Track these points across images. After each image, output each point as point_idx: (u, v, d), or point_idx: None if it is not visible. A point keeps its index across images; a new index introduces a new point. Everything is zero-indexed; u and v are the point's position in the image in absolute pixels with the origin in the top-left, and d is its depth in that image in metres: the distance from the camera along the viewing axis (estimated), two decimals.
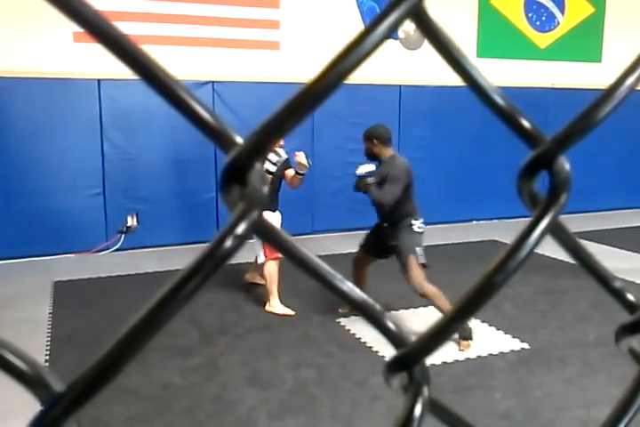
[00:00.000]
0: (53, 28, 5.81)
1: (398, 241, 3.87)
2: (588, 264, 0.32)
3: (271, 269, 4.26)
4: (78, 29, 5.80)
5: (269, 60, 6.72)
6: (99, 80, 6.05)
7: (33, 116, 5.90)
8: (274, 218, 4.55)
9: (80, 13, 0.21)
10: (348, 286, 0.26)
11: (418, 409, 0.26)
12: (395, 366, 0.27)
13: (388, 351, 3.31)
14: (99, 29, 0.21)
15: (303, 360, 3.49)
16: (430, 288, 3.82)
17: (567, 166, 0.28)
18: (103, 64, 6.04)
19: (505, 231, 7.01)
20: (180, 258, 5.94)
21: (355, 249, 6.03)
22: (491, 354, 3.52)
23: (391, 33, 0.23)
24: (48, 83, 5.89)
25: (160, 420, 2.84)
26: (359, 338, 3.81)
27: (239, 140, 0.23)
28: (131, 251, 6.23)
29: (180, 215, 6.51)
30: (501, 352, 3.57)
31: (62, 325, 4.06)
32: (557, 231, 0.30)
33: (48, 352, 3.57)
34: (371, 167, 3.92)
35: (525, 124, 0.28)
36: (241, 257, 5.55)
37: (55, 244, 6.03)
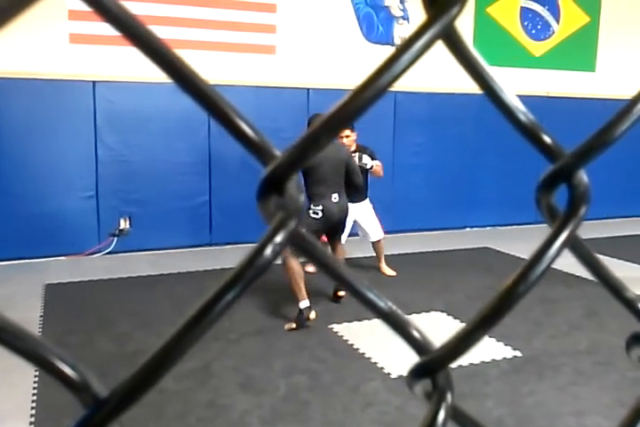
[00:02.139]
0: (49, 28, 5.80)
1: None
2: (601, 274, 0.33)
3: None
4: (74, 30, 5.80)
5: (265, 64, 6.74)
6: (94, 82, 6.04)
7: (27, 117, 5.89)
8: (365, 206, 5.38)
9: (138, 37, 0.21)
10: (375, 295, 0.27)
11: (441, 415, 0.27)
12: (418, 373, 0.28)
13: (380, 358, 3.33)
14: (148, 44, 0.22)
15: (296, 366, 3.48)
16: (289, 263, 4.10)
17: (586, 180, 0.29)
18: (99, 66, 6.04)
19: (498, 239, 7.06)
20: (172, 262, 5.94)
21: (352, 255, 6.06)
22: (483, 362, 3.53)
23: (423, 53, 0.24)
24: (43, 84, 5.88)
25: (153, 425, 2.83)
26: (352, 344, 3.81)
27: (278, 153, 0.24)
28: (123, 254, 6.21)
29: (173, 219, 6.49)
30: (494, 360, 3.58)
31: (53, 328, 4.03)
32: (575, 243, 0.30)
33: None
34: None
35: (546, 139, 0.29)
36: (237, 262, 5.57)
37: (47, 246, 6.00)
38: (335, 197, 4.23)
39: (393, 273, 5.50)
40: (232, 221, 6.60)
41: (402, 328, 0.28)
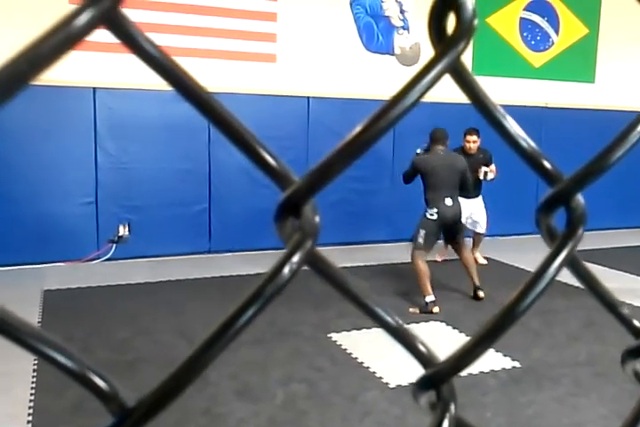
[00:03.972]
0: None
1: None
2: (597, 291, 0.34)
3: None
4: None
5: (266, 72, 6.78)
6: (94, 88, 6.07)
7: (27, 123, 5.90)
8: (479, 202, 6.11)
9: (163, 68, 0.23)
10: (384, 311, 0.28)
11: (445, 426, 0.28)
12: (424, 385, 0.29)
13: (378, 367, 3.33)
14: (178, 81, 0.23)
15: (294, 375, 3.48)
16: (418, 263, 4.75)
17: (583, 203, 0.31)
18: (99, 72, 6.07)
19: (496, 249, 7.07)
20: (171, 269, 5.94)
21: (351, 264, 6.07)
22: (482, 372, 3.53)
23: (432, 86, 0.25)
24: (43, 90, 5.89)
25: None
26: (351, 353, 3.81)
27: (296, 178, 0.25)
28: (122, 261, 6.21)
29: (172, 226, 6.50)
30: (493, 370, 3.58)
31: (51, 334, 4.03)
32: (574, 262, 0.32)
33: (35, 362, 3.54)
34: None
35: (547, 164, 0.31)
36: (235, 270, 5.53)
37: (46, 252, 6.00)
38: (449, 202, 4.78)
39: (484, 262, 6.41)
40: (231, 228, 6.61)
41: (409, 343, 0.29)
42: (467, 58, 7.70)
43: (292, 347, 3.92)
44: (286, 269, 0.23)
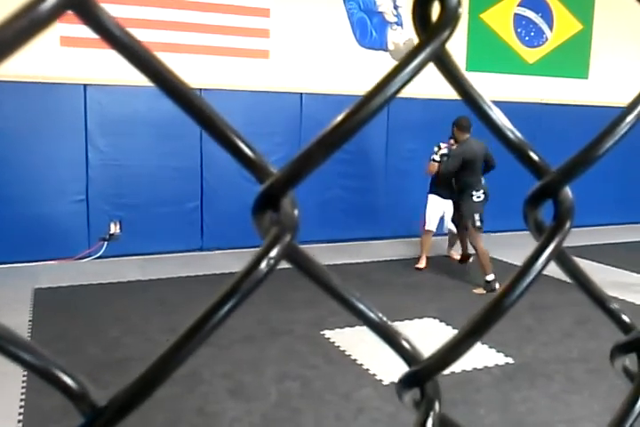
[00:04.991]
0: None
1: (462, 208, 5.34)
2: (586, 286, 0.34)
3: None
4: (65, 33, 5.77)
5: (259, 68, 6.76)
6: (85, 85, 6.03)
7: (17, 120, 5.86)
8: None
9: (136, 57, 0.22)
10: (367, 306, 0.28)
11: (429, 424, 0.27)
12: (408, 382, 0.29)
13: (373, 365, 3.33)
14: (144, 61, 0.23)
15: (287, 373, 3.48)
16: (480, 246, 5.22)
17: (571, 196, 0.30)
18: (90, 69, 6.03)
19: (491, 245, 7.07)
20: (163, 267, 5.92)
21: (345, 261, 6.07)
22: (475, 368, 3.54)
23: (415, 75, 0.24)
24: (33, 87, 5.86)
25: None
26: (344, 351, 3.81)
27: (274, 170, 0.24)
28: (113, 259, 6.18)
29: (164, 223, 6.47)
30: (486, 367, 3.59)
31: (42, 333, 4.01)
32: (561, 256, 0.31)
33: None
34: (443, 151, 5.64)
35: (534, 156, 0.30)
36: (228, 267, 5.52)
37: (36, 250, 5.96)
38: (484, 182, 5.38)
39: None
40: (223, 226, 6.59)
41: (392, 339, 0.29)
42: (461, 54, 7.75)
43: (286, 345, 3.91)
44: (263, 265, 0.22)
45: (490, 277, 5.15)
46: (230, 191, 6.49)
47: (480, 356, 3.73)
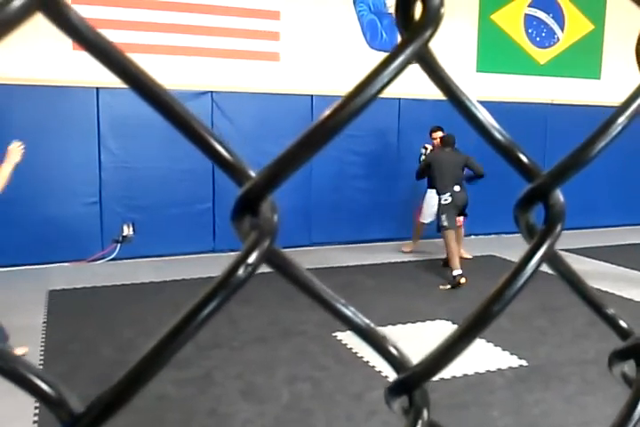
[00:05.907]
0: (52, 34, 5.83)
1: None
2: (581, 291, 0.33)
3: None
4: None
5: (269, 70, 6.77)
6: (97, 88, 6.07)
7: (30, 123, 5.91)
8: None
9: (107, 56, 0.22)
10: (352, 311, 0.27)
11: None
12: (396, 390, 0.28)
13: (384, 366, 3.29)
14: (121, 68, 0.22)
15: (299, 374, 3.47)
16: (449, 243, 5.50)
17: (562, 199, 0.30)
18: (102, 72, 6.01)
19: (503, 246, 7.03)
20: (176, 268, 5.94)
21: (357, 262, 6.06)
22: (488, 371, 3.51)
23: (397, 75, 0.24)
24: (46, 90, 5.92)
25: None
26: (356, 352, 3.80)
27: (252, 173, 0.24)
28: (126, 260, 6.22)
29: (176, 225, 6.50)
30: (499, 369, 3.56)
31: (56, 334, 4.04)
32: (553, 260, 0.31)
33: (41, 362, 3.55)
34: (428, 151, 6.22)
35: (523, 158, 0.30)
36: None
37: (50, 252, 6.02)
38: (457, 189, 5.68)
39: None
40: None
41: (379, 345, 0.28)
42: (471, 55, 7.72)
43: (297, 346, 3.91)
44: (241, 271, 0.22)
45: (456, 272, 5.37)
46: None
47: (493, 358, 3.71)
